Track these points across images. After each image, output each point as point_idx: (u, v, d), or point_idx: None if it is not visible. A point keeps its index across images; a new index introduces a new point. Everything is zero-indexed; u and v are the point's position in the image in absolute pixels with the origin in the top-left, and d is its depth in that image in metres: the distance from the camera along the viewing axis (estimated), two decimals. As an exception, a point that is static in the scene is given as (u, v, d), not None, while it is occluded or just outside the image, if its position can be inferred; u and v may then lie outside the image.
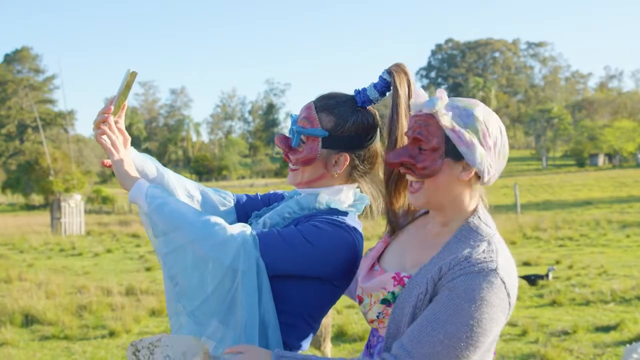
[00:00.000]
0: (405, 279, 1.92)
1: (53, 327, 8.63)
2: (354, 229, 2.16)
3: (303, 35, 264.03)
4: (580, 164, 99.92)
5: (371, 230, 16.75)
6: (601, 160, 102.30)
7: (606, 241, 18.19)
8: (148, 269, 14.82)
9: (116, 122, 2.29)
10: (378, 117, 2.23)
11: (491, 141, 1.83)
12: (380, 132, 2.24)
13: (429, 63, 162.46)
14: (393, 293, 1.93)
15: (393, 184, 2.11)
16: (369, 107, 2.22)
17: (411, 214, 2.16)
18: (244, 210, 2.50)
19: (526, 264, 14.01)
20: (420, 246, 2.01)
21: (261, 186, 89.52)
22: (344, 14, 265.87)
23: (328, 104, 2.17)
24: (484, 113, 1.85)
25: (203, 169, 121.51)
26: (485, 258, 1.79)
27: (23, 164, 69.50)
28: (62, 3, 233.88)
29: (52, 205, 28.49)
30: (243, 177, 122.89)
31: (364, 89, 2.18)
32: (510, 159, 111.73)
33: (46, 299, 10.25)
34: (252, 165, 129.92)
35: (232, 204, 2.50)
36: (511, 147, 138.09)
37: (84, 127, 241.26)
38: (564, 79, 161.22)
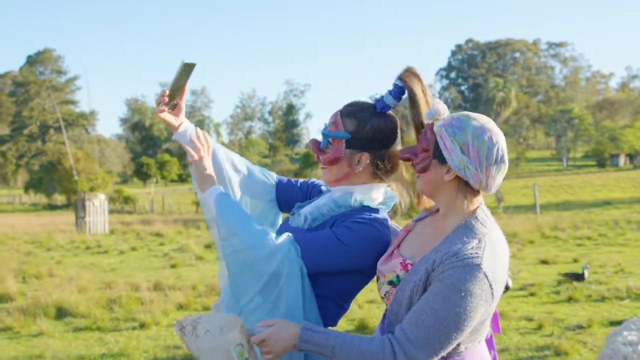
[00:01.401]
0: (409, 266, 2.24)
1: (85, 319, 8.98)
2: (382, 223, 2.49)
3: (323, 35, 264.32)
4: (601, 164, 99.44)
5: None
6: (622, 160, 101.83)
7: (624, 240, 18.31)
8: (173, 266, 15.15)
9: (177, 103, 2.77)
10: (397, 121, 2.56)
11: (474, 152, 2.12)
12: (402, 134, 2.58)
13: (449, 63, 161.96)
14: (398, 276, 2.26)
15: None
16: (390, 113, 2.54)
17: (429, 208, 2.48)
18: (283, 192, 2.87)
19: (544, 262, 14.20)
20: (427, 238, 2.33)
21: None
22: (364, 15, 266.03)
23: (351, 110, 2.52)
24: (475, 127, 2.14)
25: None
26: (472, 254, 2.07)
27: (46, 164, 70.24)
28: (84, 4, 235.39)
29: (76, 205, 28.91)
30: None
31: (382, 97, 2.49)
32: (530, 160, 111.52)
33: (77, 294, 10.59)
34: (272, 165, 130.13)
35: (273, 182, 2.87)
36: (531, 147, 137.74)
37: (105, 127, 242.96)
38: (584, 79, 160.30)
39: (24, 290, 11.46)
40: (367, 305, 9.69)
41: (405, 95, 2.44)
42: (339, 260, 2.38)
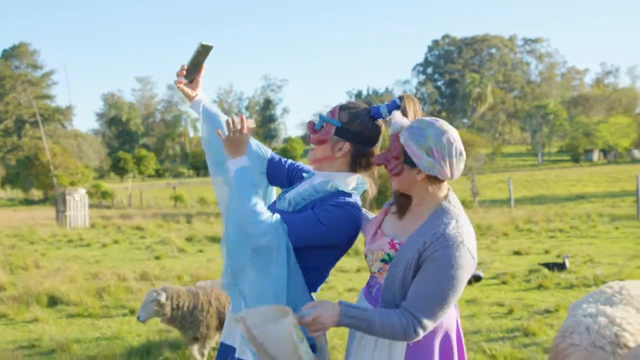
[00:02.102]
0: (397, 245, 2.72)
1: (77, 307, 9.37)
2: (355, 206, 2.96)
3: (300, 31, 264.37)
4: (576, 159, 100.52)
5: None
6: (596, 155, 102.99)
7: (595, 233, 18.87)
8: (157, 258, 15.50)
9: (194, 78, 3.31)
10: (383, 130, 3.05)
11: (438, 153, 2.59)
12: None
13: (426, 59, 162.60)
14: (388, 254, 2.74)
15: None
16: (379, 121, 3.01)
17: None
18: (273, 169, 3.36)
19: (517, 253, 14.71)
20: (407, 220, 2.81)
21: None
22: (341, 11, 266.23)
23: (348, 106, 3.00)
24: (435, 132, 2.61)
25: (200, 165, 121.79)
26: (455, 234, 2.56)
27: (22, 159, 69.97)
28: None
29: (57, 199, 29.11)
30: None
31: (378, 106, 2.96)
32: (506, 155, 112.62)
33: (67, 283, 10.94)
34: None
35: (266, 157, 3.36)
36: (507, 142, 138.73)
37: (80, 122, 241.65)
38: (560, 75, 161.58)
39: (13, 281, 11.77)
40: (347, 294, 10.15)
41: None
42: (319, 237, 2.83)
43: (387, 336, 2.55)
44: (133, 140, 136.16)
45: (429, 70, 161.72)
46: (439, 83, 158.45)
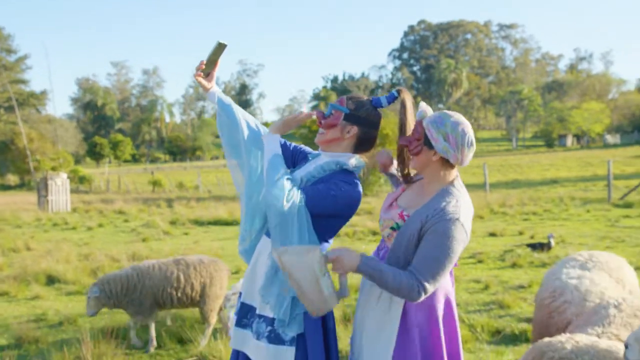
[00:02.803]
0: (406, 217, 3.23)
1: (75, 285, 9.81)
2: (358, 183, 3.49)
3: (276, 16, 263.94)
4: (549, 144, 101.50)
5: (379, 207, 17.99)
6: (569, 141, 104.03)
7: (567, 215, 19.51)
8: (144, 240, 15.94)
9: (210, 74, 3.72)
10: (381, 117, 3.58)
11: (453, 140, 3.09)
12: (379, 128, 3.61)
13: (402, 44, 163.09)
14: (397, 224, 3.25)
15: (401, 157, 3.43)
16: (379, 109, 3.54)
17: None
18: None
19: (492, 234, 15.32)
20: (418, 195, 3.32)
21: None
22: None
23: (354, 97, 3.53)
24: (452, 122, 3.11)
25: (177, 150, 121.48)
26: (452, 211, 3.05)
27: (-2, 144, 69.65)
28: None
29: (39, 184, 29.35)
30: (217, 158, 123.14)
31: (379, 98, 3.50)
32: (481, 140, 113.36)
33: (62, 263, 11.36)
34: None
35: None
36: (482, 128, 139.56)
37: (55, 107, 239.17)
38: (534, 60, 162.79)
39: (8, 262, 12.15)
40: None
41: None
42: (329, 208, 3.34)
43: (394, 291, 3.02)
44: (109, 125, 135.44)
45: (405, 55, 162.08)
46: (415, 68, 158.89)
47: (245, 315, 3.54)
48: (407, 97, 3.40)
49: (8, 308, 8.69)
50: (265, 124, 3.81)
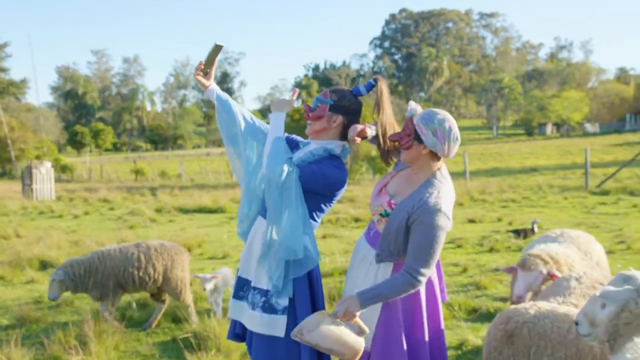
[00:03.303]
0: (393, 205, 3.62)
1: (68, 270, 10.10)
2: (344, 167, 3.90)
3: (257, 4, 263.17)
4: (529, 133, 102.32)
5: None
6: (549, 129, 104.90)
7: (545, 203, 20.02)
8: (131, 227, 16.25)
9: (208, 72, 4.05)
10: (362, 105, 3.99)
11: (440, 134, 3.48)
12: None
13: (383, 33, 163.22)
14: (386, 211, 3.64)
15: (385, 148, 3.86)
16: (359, 98, 3.93)
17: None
18: None
19: (471, 221, 15.79)
20: (406, 183, 3.71)
21: (217, 155, 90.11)
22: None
23: (337, 89, 3.94)
24: (439, 119, 3.50)
25: (158, 138, 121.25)
26: (435, 202, 3.44)
27: (-22, 133, 69.27)
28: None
29: (23, 172, 29.48)
30: (199, 146, 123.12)
31: (358, 87, 3.91)
32: (462, 128, 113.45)
33: (54, 249, 11.65)
34: (207, 134, 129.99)
35: (267, 131, 4.19)
36: (463, 116, 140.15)
37: (35, 96, 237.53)
38: (515, 49, 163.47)
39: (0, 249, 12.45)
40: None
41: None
42: (318, 186, 3.77)
43: (400, 295, 3.46)
44: (89, 114, 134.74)
45: (386, 44, 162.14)
46: (396, 57, 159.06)
47: (242, 288, 3.95)
48: (383, 84, 3.82)
49: (5, 291, 9.01)
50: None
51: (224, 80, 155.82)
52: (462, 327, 6.63)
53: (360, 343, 3.41)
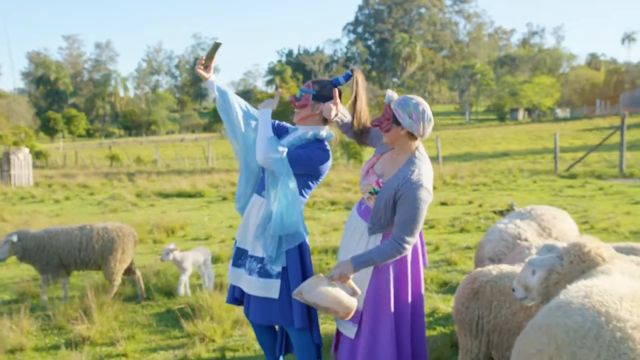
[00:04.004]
0: (381, 183, 4.13)
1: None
2: (328, 149, 4.43)
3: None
4: (501, 118, 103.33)
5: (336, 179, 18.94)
6: (521, 114, 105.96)
7: (515, 186, 20.66)
8: (113, 211, 16.63)
9: (208, 66, 4.51)
10: (342, 93, 4.50)
11: (415, 116, 3.97)
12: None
13: (356, 18, 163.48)
14: (374, 189, 4.15)
15: (360, 131, 4.41)
16: (339, 87, 4.44)
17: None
18: None
19: (443, 203, 16.38)
20: (390, 165, 4.21)
21: (191, 141, 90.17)
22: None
23: (318, 80, 4.47)
24: (414, 103, 3.98)
25: (131, 124, 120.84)
26: (417, 179, 3.95)
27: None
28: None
29: (1, 158, 29.61)
30: (172, 132, 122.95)
31: (337, 78, 4.42)
32: (435, 114, 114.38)
33: (43, 232, 12.02)
34: (181, 120, 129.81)
35: None
36: (436, 102, 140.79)
37: (12, 82, 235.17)
38: (487, 35, 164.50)
39: (-13, 232, 12.76)
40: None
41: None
42: (306, 168, 4.29)
43: (388, 260, 3.98)
44: (62, 100, 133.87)
45: (360, 29, 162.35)
46: (369, 42, 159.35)
47: (240, 257, 4.51)
48: (359, 75, 4.36)
49: (0, 271, 9.42)
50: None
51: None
52: (434, 297, 7.18)
53: (353, 302, 3.93)
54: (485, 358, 4.22)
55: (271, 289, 4.29)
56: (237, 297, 4.60)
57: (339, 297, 3.88)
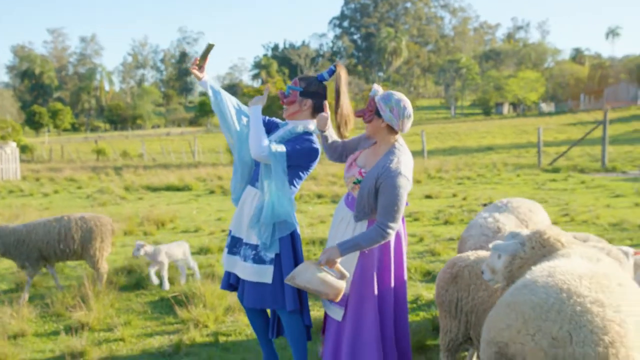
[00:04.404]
0: (364, 173, 4.40)
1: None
2: (316, 141, 4.71)
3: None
4: (487, 112, 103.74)
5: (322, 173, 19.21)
6: (506, 109, 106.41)
7: (499, 180, 21.01)
8: (102, 205, 16.84)
9: (202, 67, 4.77)
10: (327, 89, 4.80)
11: (396, 111, 4.25)
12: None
13: (342, 12, 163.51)
14: (358, 179, 4.42)
15: (344, 124, 4.66)
16: (324, 83, 4.74)
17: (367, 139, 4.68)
18: None
19: (428, 196, 16.70)
20: (371, 156, 4.49)
21: (177, 135, 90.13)
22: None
23: (304, 77, 4.78)
24: (396, 99, 4.27)
25: (117, 118, 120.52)
26: (396, 168, 4.22)
27: None
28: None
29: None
30: (158, 126, 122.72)
31: (322, 74, 4.71)
32: (420, 108, 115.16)
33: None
34: (167, 114, 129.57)
35: None
36: (422, 96, 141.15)
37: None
38: (472, 29, 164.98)
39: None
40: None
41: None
42: (298, 160, 4.58)
43: (373, 245, 4.26)
44: (47, 94, 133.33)
45: (345, 23, 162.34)
46: (355, 37, 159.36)
47: (235, 245, 4.79)
48: (342, 70, 4.66)
49: (-5, 262, 9.68)
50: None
51: (182, 60, 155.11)
52: (418, 286, 7.49)
53: (341, 285, 4.22)
54: (463, 337, 4.53)
55: (265, 274, 4.56)
56: (232, 283, 4.87)
57: (327, 280, 4.17)
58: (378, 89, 4.41)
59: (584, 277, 2.96)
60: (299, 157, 4.56)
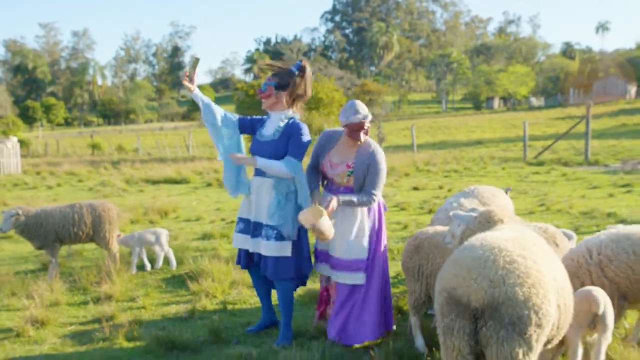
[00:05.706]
0: (352, 164, 5.46)
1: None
2: (304, 125, 5.65)
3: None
4: (477, 107, 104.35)
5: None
6: (496, 103, 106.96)
7: (485, 173, 21.78)
8: (106, 196, 17.67)
9: (192, 79, 5.62)
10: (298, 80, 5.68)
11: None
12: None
13: (334, 7, 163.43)
14: (350, 171, 5.48)
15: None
16: (296, 74, 5.65)
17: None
18: (242, 124, 5.90)
19: (415, 188, 17.59)
20: (344, 150, 5.54)
21: (171, 129, 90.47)
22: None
23: (276, 72, 5.68)
24: (349, 104, 5.41)
25: (110, 113, 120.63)
26: (377, 150, 5.43)
27: None
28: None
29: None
30: (151, 121, 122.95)
31: (291, 68, 5.62)
32: (412, 102, 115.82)
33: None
34: (160, 108, 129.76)
35: (236, 119, 5.86)
36: (413, 90, 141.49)
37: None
38: (464, 24, 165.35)
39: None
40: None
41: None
42: (304, 150, 5.56)
43: (363, 205, 5.40)
44: (40, 89, 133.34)
45: (337, 18, 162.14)
46: (347, 31, 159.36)
47: (256, 228, 5.69)
48: (307, 65, 5.66)
49: (17, 247, 10.56)
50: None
51: (174, 55, 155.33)
52: (399, 264, 8.39)
53: (331, 229, 5.26)
54: (425, 297, 5.57)
55: (286, 249, 5.55)
56: (256, 260, 5.77)
57: (325, 222, 5.18)
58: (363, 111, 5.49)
59: (509, 240, 3.91)
60: (304, 148, 5.56)
